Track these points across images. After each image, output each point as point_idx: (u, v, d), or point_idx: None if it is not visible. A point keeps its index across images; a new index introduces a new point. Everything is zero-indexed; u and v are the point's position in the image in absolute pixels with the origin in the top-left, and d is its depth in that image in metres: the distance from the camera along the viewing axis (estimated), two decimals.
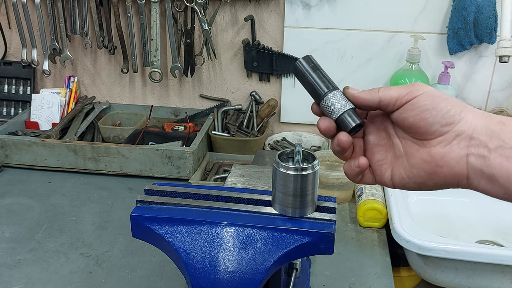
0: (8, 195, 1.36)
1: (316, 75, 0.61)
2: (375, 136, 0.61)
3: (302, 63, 0.62)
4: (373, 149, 0.61)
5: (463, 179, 0.55)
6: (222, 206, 0.72)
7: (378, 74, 1.54)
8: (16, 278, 1.05)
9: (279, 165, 0.67)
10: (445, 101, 0.55)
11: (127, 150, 1.40)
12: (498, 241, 1.24)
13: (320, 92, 0.60)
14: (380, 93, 0.57)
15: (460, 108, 0.55)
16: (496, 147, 0.52)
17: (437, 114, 0.54)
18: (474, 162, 0.53)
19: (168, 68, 1.61)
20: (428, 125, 0.55)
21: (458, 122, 0.54)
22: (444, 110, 0.54)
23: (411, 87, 0.56)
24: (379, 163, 0.61)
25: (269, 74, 1.60)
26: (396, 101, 0.56)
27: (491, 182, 0.53)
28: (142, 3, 1.51)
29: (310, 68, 0.61)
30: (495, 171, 0.52)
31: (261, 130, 1.57)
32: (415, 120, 0.55)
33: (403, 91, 0.56)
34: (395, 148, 0.60)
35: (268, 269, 0.66)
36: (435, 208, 1.28)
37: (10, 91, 1.72)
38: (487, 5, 1.35)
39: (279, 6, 1.52)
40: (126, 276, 1.06)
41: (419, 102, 0.55)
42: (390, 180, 0.60)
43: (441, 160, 0.55)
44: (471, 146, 0.53)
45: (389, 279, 1.06)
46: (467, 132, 0.54)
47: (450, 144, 0.54)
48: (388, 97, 0.56)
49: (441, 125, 0.54)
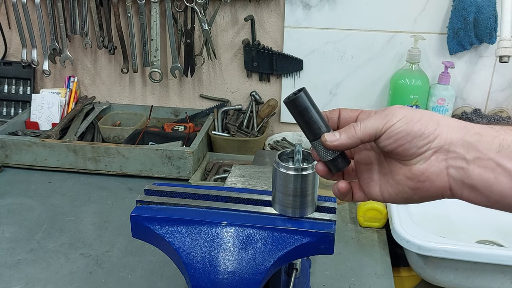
0: (8, 195, 1.36)
1: (316, 112, 0.60)
2: (362, 156, 0.64)
3: (303, 98, 0.59)
4: (361, 168, 0.64)
5: (447, 191, 0.57)
6: (222, 206, 0.72)
7: (378, 74, 1.54)
8: (16, 278, 1.05)
9: (279, 165, 0.67)
10: (418, 123, 0.56)
11: (127, 150, 1.40)
12: (498, 241, 1.24)
13: (317, 133, 0.61)
14: (358, 133, 0.58)
15: (434, 126, 0.56)
16: (473, 158, 0.54)
17: (412, 139, 0.56)
18: (454, 174, 0.55)
19: (168, 68, 1.61)
20: (406, 150, 0.56)
21: (434, 139, 0.55)
22: (419, 133, 0.56)
23: (385, 118, 0.57)
24: (367, 181, 0.63)
25: (269, 74, 1.60)
26: (375, 136, 0.58)
27: (473, 191, 0.55)
28: (142, 3, 1.51)
29: (310, 104, 0.60)
30: (475, 181, 0.54)
31: (261, 130, 1.57)
32: (392, 147, 0.57)
33: (379, 124, 0.57)
34: (381, 166, 0.62)
35: (268, 269, 0.66)
36: (435, 208, 1.28)
37: (10, 91, 1.72)
38: (487, 5, 1.35)
39: (279, 6, 1.52)
40: (126, 276, 1.06)
41: (393, 131, 0.56)
42: (380, 196, 0.62)
43: (422, 176, 0.57)
44: (449, 159, 0.55)
45: (389, 279, 1.06)
46: (444, 147, 0.55)
47: (429, 160, 0.56)
48: (367, 135, 0.58)
49: (417, 148, 0.56)
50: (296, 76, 1.58)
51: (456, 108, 1.54)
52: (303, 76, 1.58)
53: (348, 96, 1.58)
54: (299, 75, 1.58)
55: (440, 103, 1.45)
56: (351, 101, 1.58)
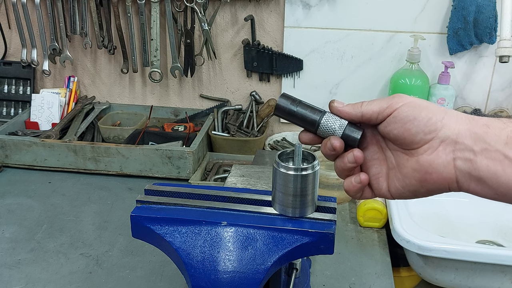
0: (8, 195, 1.36)
1: (301, 108, 0.62)
2: (369, 151, 0.63)
3: (283, 102, 0.62)
4: (368, 164, 0.63)
5: (453, 183, 0.56)
6: (222, 206, 0.72)
7: (378, 74, 1.54)
8: (16, 278, 1.05)
9: (279, 165, 0.67)
10: (426, 109, 0.56)
11: (127, 150, 1.40)
12: (498, 241, 1.24)
13: (313, 120, 0.61)
14: (363, 107, 0.59)
15: (442, 115, 0.56)
16: (481, 150, 0.53)
17: (419, 124, 0.55)
18: (461, 166, 0.55)
19: (168, 68, 1.61)
20: (412, 135, 0.56)
21: (441, 128, 0.55)
22: (426, 118, 0.55)
23: (391, 100, 0.57)
24: (376, 177, 0.62)
25: (269, 74, 1.60)
26: (378, 114, 0.58)
27: (480, 184, 0.54)
28: (142, 3, 1.51)
29: (292, 104, 0.62)
30: (482, 173, 0.53)
31: (261, 130, 1.57)
32: (399, 132, 0.57)
33: (384, 104, 0.57)
34: (388, 160, 0.61)
35: (268, 269, 0.66)
36: (435, 208, 1.28)
37: (10, 91, 1.72)
38: (487, 5, 1.35)
39: (279, 6, 1.52)
40: (126, 276, 1.06)
41: (400, 114, 0.56)
42: (388, 192, 0.62)
43: (429, 167, 0.56)
44: (457, 151, 0.55)
45: (389, 279, 1.06)
46: (451, 138, 0.55)
47: (436, 150, 0.55)
48: (370, 111, 0.58)
49: (424, 134, 0.55)
50: (296, 76, 1.58)
51: (456, 108, 1.54)
52: (303, 76, 1.58)
53: (348, 96, 1.58)
54: (299, 75, 1.58)
55: (440, 102, 1.45)
56: (351, 101, 1.55)
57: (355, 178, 0.61)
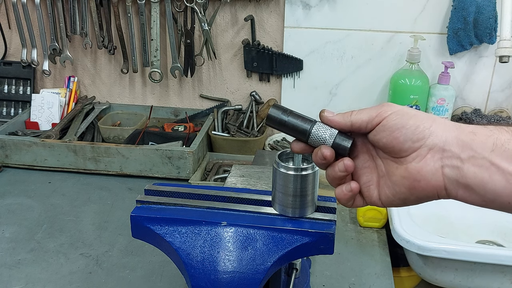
0: (8, 195, 1.36)
1: (292, 117, 0.62)
2: (359, 159, 0.63)
3: (275, 112, 0.62)
4: (359, 172, 0.63)
5: (442, 190, 0.56)
6: (222, 206, 0.72)
7: (378, 74, 1.54)
8: (16, 278, 1.05)
9: (279, 165, 0.67)
10: (414, 117, 0.57)
11: (127, 150, 1.40)
12: (498, 241, 1.24)
13: (304, 130, 0.61)
14: (352, 116, 0.60)
15: (429, 123, 0.56)
16: (468, 157, 0.54)
17: (407, 132, 0.56)
18: (449, 173, 0.55)
19: (168, 68, 1.61)
20: (400, 143, 0.57)
21: (429, 136, 0.56)
22: (413, 126, 0.56)
23: (380, 109, 0.58)
24: (366, 185, 0.63)
25: (269, 74, 1.60)
26: (367, 123, 0.59)
27: (467, 191, 0.55)
28: (142, 3, 1.51)
29: (283, 114, 0.62)
30: (469, 180, 0.54)
31: (261, 130, 1.57)
32: (387, 140, 0.57)
33: (373, 113, 0.58)
34: (378, 168, 0.62)
35: (268, 269, 0.66)
36: (435, 208, 1.27)
37: (10, 91, 1.72)
38: (487, 5, 1.35)
39: (279, 6, 1.52)
40: (126, 276, 1.06)
41: (389, 122, 0.57)
42: (378, 200, 0.62)
43: (418, 175, 0.57)
44: (444, 158, 0.55)
45: (389, 279, 1.06)
46: (438, 145, 0.55)
47: (425, 158, 0.56)
48: (359, 120, 0.59)
49: (412, 142, 0.56)
50: (296, 76, 1.58)
51: (456, 108, 1.54)
52: (303, 76, 1.58)
53: (348, 96, 1.58)
54: (299, 75, 1.58)
55: (440, 103, 1.45)
56: (351, 101, 1.58)
57: (346, 186, 0.62)
